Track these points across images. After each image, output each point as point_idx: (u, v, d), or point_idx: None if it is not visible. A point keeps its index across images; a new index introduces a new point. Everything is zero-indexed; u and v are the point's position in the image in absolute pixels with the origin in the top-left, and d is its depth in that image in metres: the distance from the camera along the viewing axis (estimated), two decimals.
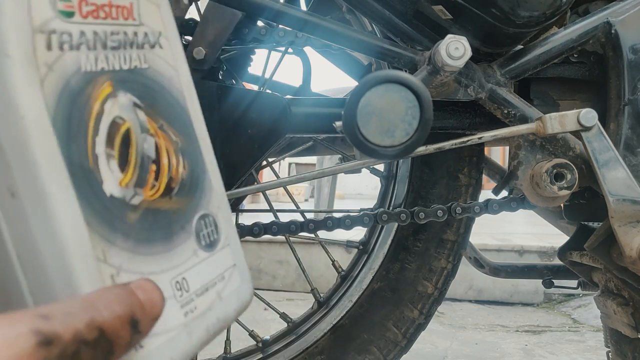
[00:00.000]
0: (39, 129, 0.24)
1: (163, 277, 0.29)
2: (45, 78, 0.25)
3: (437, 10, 0.68)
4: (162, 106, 0.31)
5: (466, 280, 2.55)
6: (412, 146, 0.53)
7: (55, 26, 0.27)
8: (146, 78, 0.31)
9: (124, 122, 0.29)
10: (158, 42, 0.32)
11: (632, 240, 0.67)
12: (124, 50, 0.30)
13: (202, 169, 0.33)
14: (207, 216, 0.32)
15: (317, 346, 0.93)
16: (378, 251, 0.95)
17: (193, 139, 0.33)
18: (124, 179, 0.28)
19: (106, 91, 0.28)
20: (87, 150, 0.26)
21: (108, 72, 0.29)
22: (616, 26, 0.73)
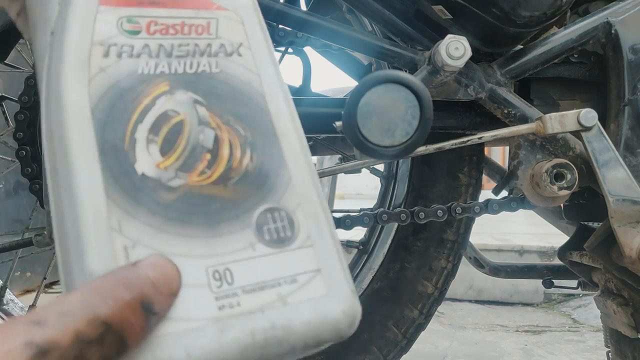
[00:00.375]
0: (77, 116, 0.28)
1: (196, 262, 0.27)
2: (95, 77, 0.29)
3: (437, 10, 0.68)
4: (231, 104, 0.31)
5: (466, 280, 2.55)
6: (412, 146, 0.53)
7: (117, 40, 0.30)
8: (215, 80, 0.31)
9: (177, 115, 0.29)
10: (236, 52, 0.33)
11: (632, 240, 0.67)
12: (192, 58, 0.31)
13: (277, 164, 0.31)
14: (277, 210, 0.30)
15: None
16: (378, 251, 0.95)
17: (271, 136, 0.32)
18: (164, 162, 0.28)
19: (162, 89, 0.30)
20: (125, 135, 0.28)
21: (168, 75, 0.30)
22: (616, 26, 0.73)
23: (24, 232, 0.97)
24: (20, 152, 0.78)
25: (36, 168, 0.78)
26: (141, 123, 0.29)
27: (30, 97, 0.80)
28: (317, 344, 0.28)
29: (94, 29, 0.29)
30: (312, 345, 0.28)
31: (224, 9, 0.34)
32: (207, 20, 0.33)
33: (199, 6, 0.33)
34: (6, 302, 0.99)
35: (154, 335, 0.24)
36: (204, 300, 0.26)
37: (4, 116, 1.02)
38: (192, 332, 0.25)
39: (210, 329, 0.26)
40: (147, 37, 0.30)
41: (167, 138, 0.29)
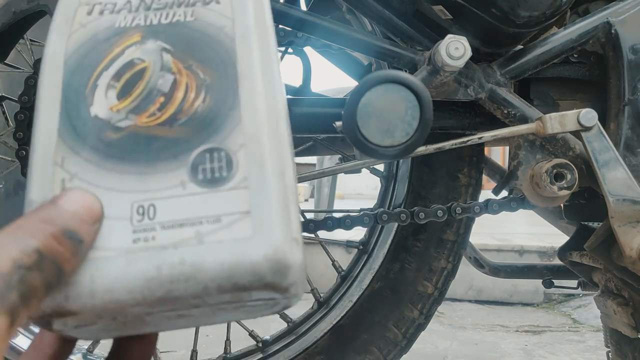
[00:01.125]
0: (52, 64, 0.31)
1: (123, 197, 0.28)
2: (75, 32, 0.32)
3: (437, 10, 0.68)
4: (198, 50, 0.32)
5: (466, 280, 2.55)
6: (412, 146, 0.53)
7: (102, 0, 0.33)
8: (187, 28, 0.33)
9: (142, 62, 0.31)
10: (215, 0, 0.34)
11: (632, 240, 0.67)
12: (169, 9, 0.33)
13: (230, 105, 0.31)
14: (217, 150, 0.30)
15: (317, 346, 0.93)
16: (378, 251, 0.95)
17: (230, 78, 0.32)
18: (118, 105, 0.30)
19: (133, 40, 0.32)
20: (89, 80, 0.31)
21: (142, 27, 0.33)
22: (616, 26, 0.73)
23: None
24: (20, 152, 0.78)
25: None
26: (106, 70, 0.31)
27: (30, 97, 0.80)
28: (235, 287, 0.27)
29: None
30: (228, 287, 0.27)
31: None
32: None
33: None
34: None
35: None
36: (122, 233, 0.28)
37: (4, 116, 1.02)
38: (101, 261, 0.27)
39: (119, 260, 0.27)
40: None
41: (127, 83, 0.31)
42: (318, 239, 1.02)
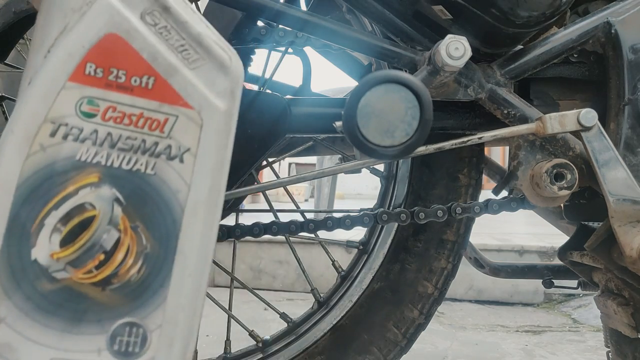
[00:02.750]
0: (3, 188, 0.30)
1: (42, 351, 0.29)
2: (34, 154, 0.31)
3: (437, 10, 0.68)
4: (148, 211, 0.32)
5: (466, 280, 2.55)
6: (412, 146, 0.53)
7: (69, 121, 0.32)
8: (144, 182, 0.32)
9: (92, 210, 0.31)
10: (180, 157, 0.33)
11: (632, 240, 0.67)
12: (133, 154, 0.32)
13: (160, 282, 0.32)
14: (136, 326, 0.31)
15: (317, 346, 0.93)
16: (378, 251, 0.95)
17: (169, 252, 0.32)
18: (59, 253, 0.30)
19: (90, 180, 0.31)
20: (37, 218, 0.30)
21: (102, 167, 0.32)
22: (616, 26, 0.73)
23: None
24: None
25: None
26: (56, 210, 0.31)
27: None
28: None
29: (53, 104, 0.31)
30: None
31: (189, 107, 0.34)
32: (165, 117, 0.33)
33: (165, 99, 0.34)
34: None
35: None
36: None
37: (4, 116, 1.02)
38: None
39: None
40: (99, 123, 0.32)
41: (73, 230, 0.30)
42: (318, 239, 1.02)
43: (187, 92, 0.34)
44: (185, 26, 0.34)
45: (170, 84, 0.33)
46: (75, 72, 0.32)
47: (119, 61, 0.32)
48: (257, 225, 0.81)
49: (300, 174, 0.72)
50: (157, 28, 0.33)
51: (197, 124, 0.34)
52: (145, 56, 0.33)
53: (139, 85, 0.33)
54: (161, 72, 0.33)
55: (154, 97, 0.33)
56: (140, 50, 0.33)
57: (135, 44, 0.33)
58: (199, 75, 0.34)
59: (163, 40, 0.33)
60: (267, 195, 1.01)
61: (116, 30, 0.32)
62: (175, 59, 0.33)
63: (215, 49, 0.35)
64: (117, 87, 0.32)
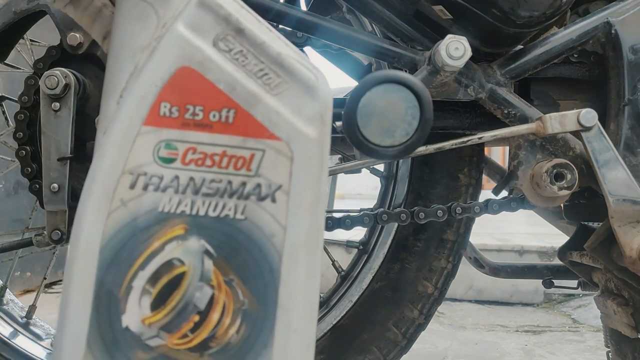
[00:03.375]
0: (85, 254, 0.27)
1: None
2: (115, 211, 0.28)
3: (437, 10, 0.68)
4: (241, 262, 0.29)
5: (466, 280, 2.55)
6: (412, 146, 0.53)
7: (148, 170, 0.29)
8: (235, 229, 0.29)
9: (181, 266, 0.28)
10: (271, 196, 0.30)
11: (632, 240, 0.67)
12: (219, 198, 0.29)
13: (263, 342, 0.28)
14: None
15: (317, 346, 0.93)
16: (378, 251, 0.95)
17: (269, 307, 0.29)
18: (151, 317, 0.28)
19: (176, 233, 0.28)
20: (124, 281, 0.27)
21: (187, 216, 0.29)
22: (616, 26, 0.73)
23: (24, 232, 0.97)
24: (20, 152, 0.78)
25: (36, 168, 0.78)
26: (143, 270, 0.28)
27: (30, 97, 0.80)
28: None
29: (129, 154, 0.29)
30: None
31: (277, 139, 0.31)
32: (251, 152, 0.30)
33: (249, 133, 0.30)
34: (6, 302, 0.99)
35: None
36: None
37: (4, 116, 1.02)
38: None
39: None
40: (179, 168, 0.29)
41: (163, 291, 0.28)
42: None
43: (272, 122, 0.30)
44: (263, 48, 0.31)
45: (253, 115, 0.30)
46: (149, 115, 0.29)
47: (195, 96, 0.29)
48: None
49: None
50: (232, 54, 0.31)
51: (286, 156, 0.30)
52: (223, 87, 0.30)
53: (219, 120, 0.30)
54: (241, 103, 0.30)
55: (236, 132, 0.30)
56: (216, 81, 0.30)
57: (210, 76, 0.30)
58: (284, 101, 0.31)
59: (240, 67, 0.30)
60: None
61: (189, 63, 0.30)
62: (256, 86, 0.30)
63: (298, 70, 0.32)
64: (195, 126, 0.30)
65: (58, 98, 0.70)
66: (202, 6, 0.30)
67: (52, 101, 0.70)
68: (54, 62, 0.75)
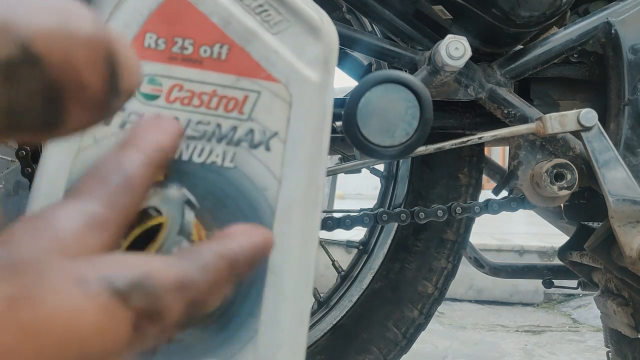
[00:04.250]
0: (49, 195, 0.24)
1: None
2: (85, 149, 0.25)
3: (437, 10, 0.68)
4: (228, 215, 0.26)
5: (466, 280, 2.55)
6: (412, 146, 0.53)
7: (127, 106, 0.25)
8: (222, 178, 0.26)
9: (158, 216, 0.25)
10: (265, 144, 0.26)
11: (632, 240, 0.67)
12: (206, 142, 0.26)
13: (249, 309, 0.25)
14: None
15: (317, 346, 0.93)
16: (378, 251, 0.95)
17: (257, 271, 0.26)
18: None
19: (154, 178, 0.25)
20: None
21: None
22: (616, 26, 0.73)
23: None
24: (20, 152, 0.78)
25: (36, 168, 0.78)
26: None
27: None
28: None
29: None
30: None
31: (275, 80, 0.27)
32: (244, 93, 0.27)
33: (243, 72, 0.27)
34: None
35: None
36: None
37: None
38: None
39: None
40: (163, 106, 0.26)
41: (135, 244, 0.24)
42: (318, 238, 1.01)
43: (269, 61, 0.27)
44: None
45: (249, 52, 0.27)
46: (132, 46, 0.26)
47: (185, 28, 0.27)
48: None
49: None
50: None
51: (284, 100, 0.27)
52: (216, 20, 0.27)
53: (210, 56, 0.27)
54: (236, 39, 0.27)
55: (228, 70, 0.27)
56: (209, 14, 0.27)
57: (202, 7, 0.27)
58: (284, 40, 0.28)
59: (237, 0, 0.28)
60: None
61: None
62: (254, 22, 0.27)
63: (302, 8, 0.28)
64: (183, 60, 0.26)
65: None
66: None
67: None
68: None
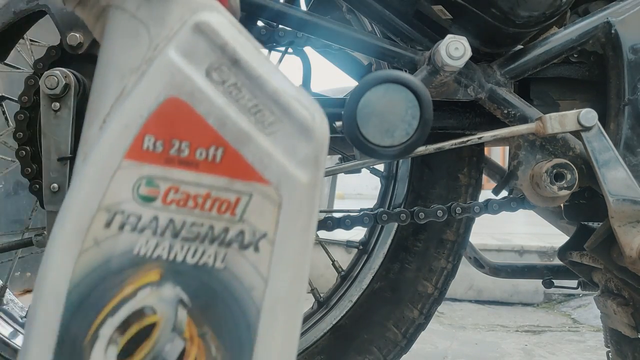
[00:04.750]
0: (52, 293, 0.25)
1: None
2: (87, 251, 0.26)
3: (437, 10, 0.68)
4: (217, 314, 0.27)
5: (466, 280, 2.55)
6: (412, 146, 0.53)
7: (126, 208, 0.26)
8: (213, 279, 0.27)
9: (153, 315, 0.26)
10: (254, 245, 0.28)
11: (632, 240, 0.67)
12: (199, 244, 0.27)
13: None
14: None
15: (317, 346, 0.93)
16: (378, 251, 0.95)
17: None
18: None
19: (150, 278, 0.26)
20: (90, 328, 0.25)
21: (164, 261, 0.27)
22: (616, 26, 0.73)
23: (23, 232, 0.97)
24: (20, 152, 0.78)
25: (36, 168, 0.78)
26: (112, 317, 0.26)
27: (30, 97, 0.80)
28: None
29: (107, 189, 0.26)
30: None
31: (265, 182, 0.28)
32: (237, 196, 0.28)
33: (237, 174, 0.28)
34: (6, 302, 0.99)
35: None
36: None
37: (4, 116, 1.02)
38: None
39: None
40: (159, 208, 0.27)
41: (132, 341, 0.25)
42: (318, 239, 1.02)
43: (262, 163, 0.28)
44: (259, 82, 0.29)
45: (243, 154, 0.28)
46: (132, 148, 0.27)
47: (182, 131, 0.28)
48: None
49: None
50: (225, 86, 0.28)
51: (274, 202, 0.28)
52: (212, 122, 0.28)
53: (205, 158, 0.28)
54: (231, 140, 0.28)
55: (223, 173, 0.28)
56: (205, 115, 0.28)
57: (200, 108, 0.28)
58: (277, 141, 0.29)
59: (233, 101, 0.28)
60: None
61: (178, 93, 0.28)
62: (248, 124, 0.28)
63: (295, 108, 0.29)
64: (180, 163, 0.28)
65: (58, 98, 0.70)
66: (198, 31, 0.28)
67: (52, 101, 0.70)
68: (54, 62, 0.75)
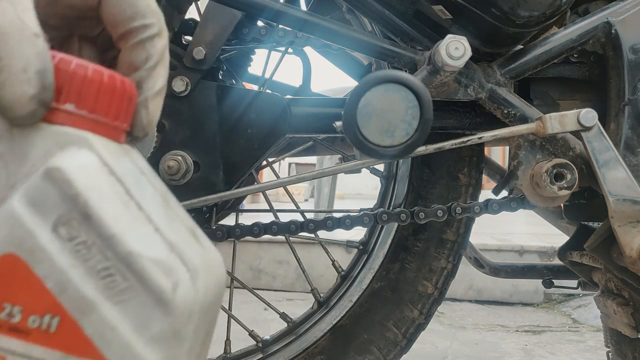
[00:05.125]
0: None
1: None
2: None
3: (437, 10, 0.68)
4: None
5: (466, 280, 2.55)
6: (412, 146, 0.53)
7: None
8: None
9: None
10: None
11: (632, 240, 0.67)
12: None
13: None
14: None
15: (317, 346, 0.93)
16: (378, 251, 0.95)
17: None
18: None
19: None
20: None
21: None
22: (616, 26, 0.73)
23: None
24: None
25: None
26: None
27: None
28: None
29: None
30: None
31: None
32: None
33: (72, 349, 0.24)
34: None
35: None
36: None
37: None
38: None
39: None
40: None
41: None
42: (318, 239, 1.02)
43: (104, 338, 0.24)
44: (112, 242, 0.25)
45: (81, 326, 0.24)
46: None
47: (15, 293, 0.24)
48: (257, 225, 0.81)
49: (300, 174, 0.72)
50: (73, 244, 0.24)
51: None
52: (51, 286, 0.24)
53: (39, 327, 0.24)
54: (70, 308, 0.24)
55: (56, 346, 0.24)
56: (44, 277, 0.24)
57: (39, 270, 0.24)
58: (126, 312, 0.25)
59: (80, 262, 0.24)
60: (267, 195, 1.01)
61: (16, 250, 0.24)
62: (94, 290, 0.24)
63: (151, 274, 0.25)
64: (9, 330, 0.24)
65: None
66: (48, 178, 0.25)
67: None
68: None
